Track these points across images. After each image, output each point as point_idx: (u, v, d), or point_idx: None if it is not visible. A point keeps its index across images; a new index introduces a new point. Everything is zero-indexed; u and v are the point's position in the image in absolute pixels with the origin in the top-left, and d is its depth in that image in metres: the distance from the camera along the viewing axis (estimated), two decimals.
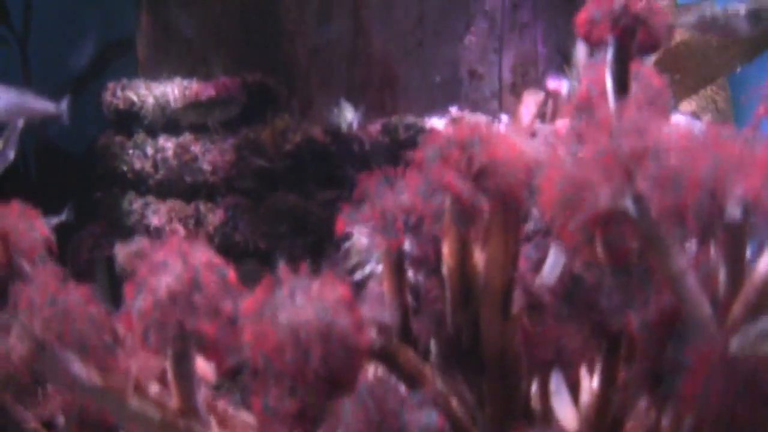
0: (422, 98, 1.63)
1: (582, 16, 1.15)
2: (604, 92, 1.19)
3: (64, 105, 1.58)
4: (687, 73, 1.76)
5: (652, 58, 2.05)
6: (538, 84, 1.68)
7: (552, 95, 1.70)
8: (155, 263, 0.92)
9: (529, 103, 1.36)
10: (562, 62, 1.72)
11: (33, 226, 1.08)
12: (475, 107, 1.63)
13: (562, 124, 1.64)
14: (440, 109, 1.62)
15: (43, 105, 1.53)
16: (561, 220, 1.03)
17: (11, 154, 1.56)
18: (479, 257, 1.06)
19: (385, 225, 1.14)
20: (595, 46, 1.18)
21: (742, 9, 1.40)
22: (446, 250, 1.07)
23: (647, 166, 0.84)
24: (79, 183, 2.23)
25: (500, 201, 1.00)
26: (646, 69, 1.17)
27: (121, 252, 1.70)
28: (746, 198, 0.90)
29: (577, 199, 0.86)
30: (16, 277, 1.02)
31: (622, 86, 1.16)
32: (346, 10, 1.64)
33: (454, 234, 1.05)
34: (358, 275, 1.44)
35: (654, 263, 0.92)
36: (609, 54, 1.15)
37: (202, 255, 0.94)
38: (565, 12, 1.73)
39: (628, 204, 0.84)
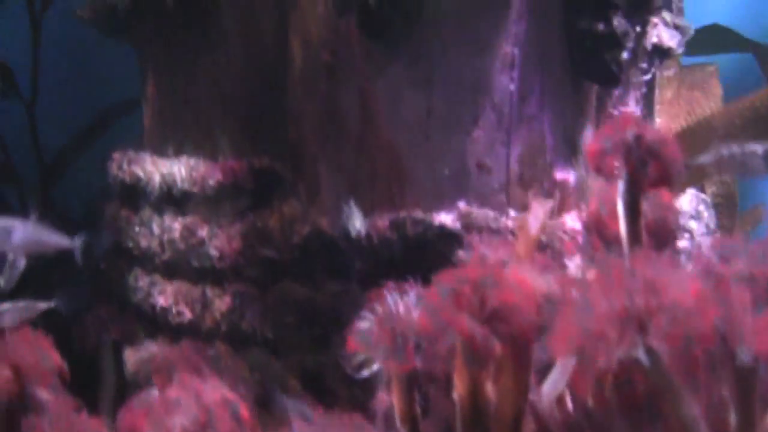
0: (430, 190, 1.63)
1: (593, 147, 1.16)
2: (614, 212, 1.19)
3: (78, 241, 1.59)
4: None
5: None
6: (546, 175, 1.69)
7: (559, 186, 1.71)
8: (169, 401, 0.93)
9: (537, 211, 1.37)
10: (570, 152, 1.73)
11: (45, 355, 1.08)
12: (482, 200, 1.63)
13: (570, 218, 1.65)
14: (448, 202, 1.62)
15: (58, 240, 1.55)
16: (573, 370, 1.03)
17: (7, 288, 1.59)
18: (490, 388, 1.07)
19: (396, 348, 1.15)
20: (605, 177, 1.18)
21: (759, 149, 1.42)
22: (457, 380, 1.07)
23: (660, 321, 0.84)
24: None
25: (512, 344, 1.01)
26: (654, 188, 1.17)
27: (131, 358, 1.70)
28: (758, 353, 0.91)
29: (591, 351, 0.87)
30: (30, 409, 1.02)
31: (633, 214, 1.17)
32: (354, 98, 1.65)
33: (466, 371, 1.05)
34: (365, 372, 1.43)
35: (665, 409, 0.92)
36: (620, 185, 1.16)
37: (215, 393, 0.95)
38: (573, 102, 1.74)
39: (641, 355, 0.85)
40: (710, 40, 2.67)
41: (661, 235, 1.27)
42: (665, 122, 2.39)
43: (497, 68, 1.63)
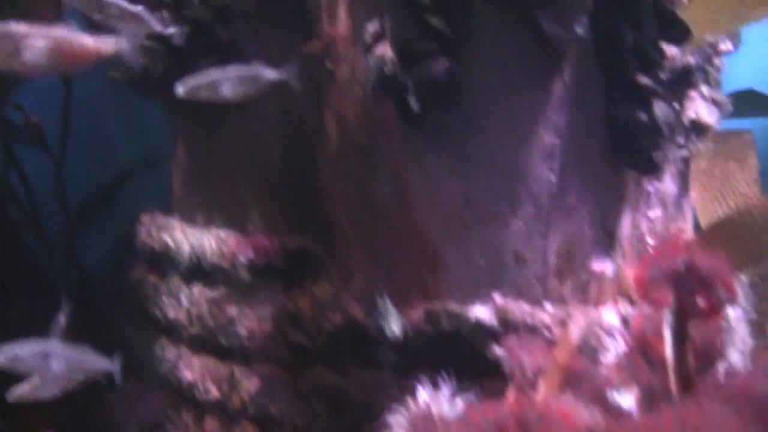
0: (465, 281, 1.60)
1: (640, 275, 1.13)
2: (659, 334, 1.16)
3: (116, 363, 1.57)
4: (739, 247, 1.73)
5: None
6: (583, 266, 1.66)
7: (596, 278, 1.68)
8: None
9: (579, 321, 1.34)
10: (608, 241, 1.70)
11: None
12: (518, 292, 1.60)
13: (607, 312, 1.62)
14: (483, 293, 1.59)
15: (96, 363, 1.52)
16: None
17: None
18: None
19: None
20: (653, 305, 1.15)
21: None
22: None
23: None
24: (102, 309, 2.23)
25: None
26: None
27: None
28: None
29: None
30: None
31: (680, 340, 1.14)
32: (389, 183, 1.63)
33: None
34: None
35: None
36: (668, 313, 1.13)
37: None
38: (612, 189, 1.71)
39: None
40: (745, 105, 2.64)
41: (708, 356, 1.24)
42: (699, 193, 2.35)
43: (537, 158, 1.60)
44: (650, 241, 1.83)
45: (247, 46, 1.89)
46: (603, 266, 1.67)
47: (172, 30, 1.89)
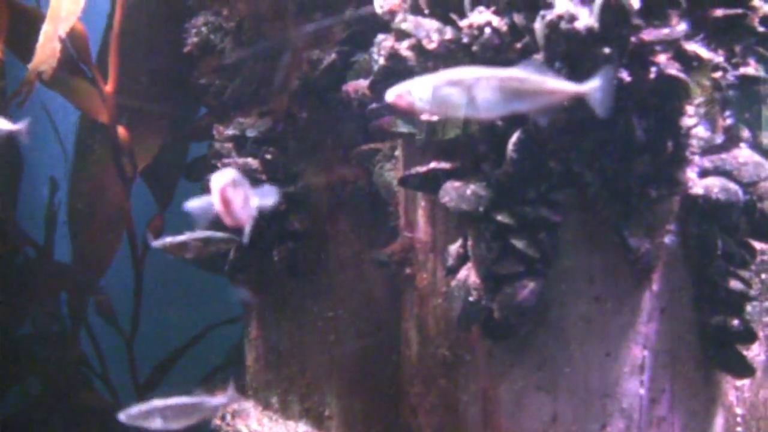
0: None
1: None
2: None
3: None
4: None
5: None
6: None
7: None
8: None
9: None
10: None
11: None
12: None
13: None
14: None
15: None
16: None
17: None
18: None
19: None
20: None
21: None
22: None
23: None
24: None
25: None
26: None
27: None
28: None
29: None
30: None
31: None
32: (474, 398, 1.59)
33: None
34: None
35: None
36: None
37: None
38: (705, 394, 1.64)
39: None
40: None
41: None
42: None
43: (626, 372, 1.55)
44: (738, 410, 1.76)
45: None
46: None
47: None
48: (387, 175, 1.82)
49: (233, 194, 1.38)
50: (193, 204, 1.56)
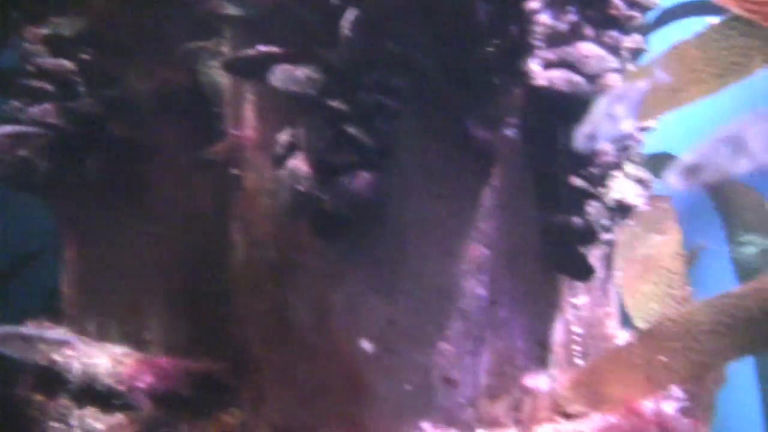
0: (391, 408, 1.46)
1: None
2: None
3: None
4: (674, 355, 1.62)
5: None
6: (516, 383, 1.54)
7: (530, 395, 1.55)
8: None
9: None
10: (541, 352, 1.58)
11: None
12: (449, 418, 1.47)
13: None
14: (411, 421, 1.45)
15: None
16: None
17: None
18: None
19: None
20: None
21: None
22: None
23: None
24: None
25: None
26: None
27: None
28: None
29: None
30: None
31: None
32: (306, 303, 1.48)
33: None
34: None
35: None
36: None
37: None
38: (545, 298, 1.59)
39: None
40: (661, 169, 2.57)
41: None
42: (622, 270, 2.25)
43: (465, 272, 1.47)
44: (576, 329, 1.72)
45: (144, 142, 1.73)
46: (537, 381, 1.55)
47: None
48: (213, 73, 1.68)
49: None
50: None
